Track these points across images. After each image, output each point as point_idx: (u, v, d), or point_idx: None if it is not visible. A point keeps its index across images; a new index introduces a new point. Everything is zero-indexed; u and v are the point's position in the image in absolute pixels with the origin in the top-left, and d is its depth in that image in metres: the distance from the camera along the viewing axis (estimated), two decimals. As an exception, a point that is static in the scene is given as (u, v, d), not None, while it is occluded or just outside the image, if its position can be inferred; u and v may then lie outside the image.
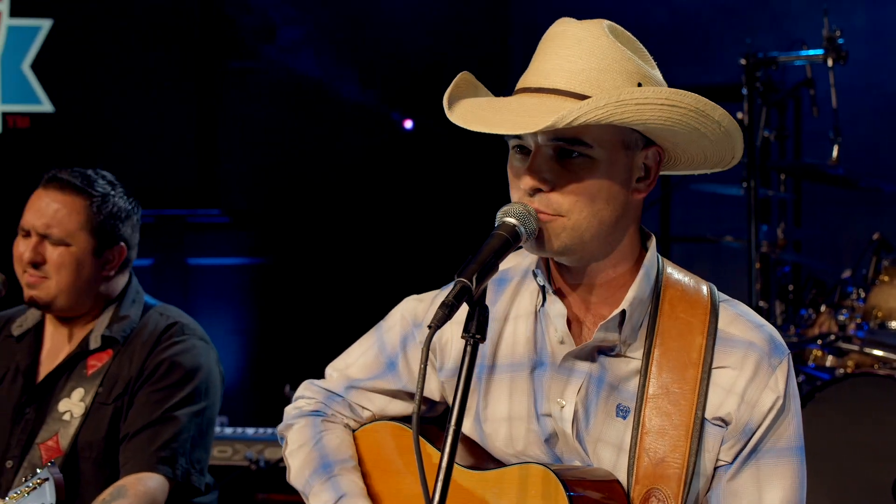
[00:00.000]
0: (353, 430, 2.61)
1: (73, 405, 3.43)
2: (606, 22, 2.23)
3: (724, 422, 2.21)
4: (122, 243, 3.56)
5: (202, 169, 6.87)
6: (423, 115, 6.85)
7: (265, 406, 6.53)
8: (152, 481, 3.32)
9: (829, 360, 5.17)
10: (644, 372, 2.24)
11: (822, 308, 5.35)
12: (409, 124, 6.97)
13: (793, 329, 5.40)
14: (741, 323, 2.26)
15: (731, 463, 2.22)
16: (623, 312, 2.23)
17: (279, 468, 5.36)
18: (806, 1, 6.41)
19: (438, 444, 2.46)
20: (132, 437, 3.37)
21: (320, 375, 2.71)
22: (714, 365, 2.22)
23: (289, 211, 7.10)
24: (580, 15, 2.27)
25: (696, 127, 2.15)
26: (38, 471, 3.05)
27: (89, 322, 3.55)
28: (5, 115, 6.63)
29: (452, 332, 2.45)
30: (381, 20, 6.91)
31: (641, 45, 2.26)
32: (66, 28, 6.64)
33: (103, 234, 3.50)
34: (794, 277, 6.42)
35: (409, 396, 2.58)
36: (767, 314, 5.77)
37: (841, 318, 5.17)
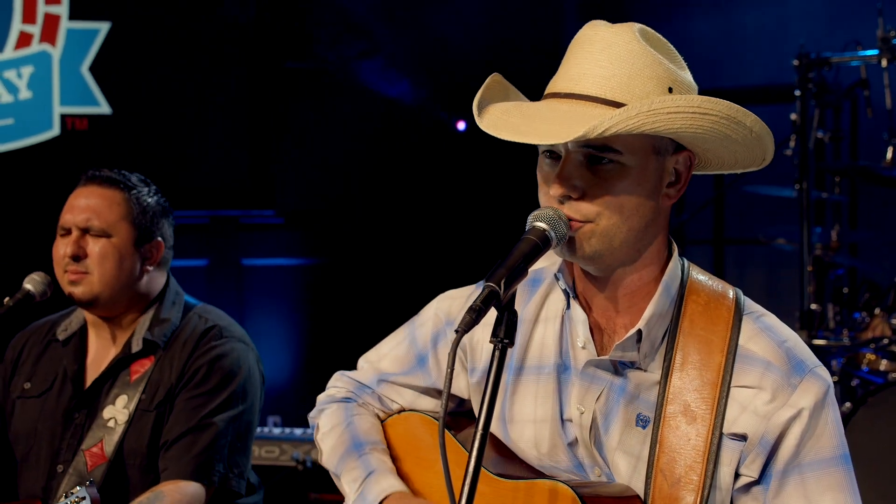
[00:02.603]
0: (382, 421, 2.64)
1: (117, 412, 3.47)
2: (637, 25, 2.21)
3: (742, 437, 2.18)
4: (160, 238, 3.59)
5: (256, 170, 6.92)
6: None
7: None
8: (190, 488, 3.34)
9: (883, 364, 5.12)
10: (662, 390, 2.22)
11: (876, 311, 5.31)
12: (461, 125, 6.98)
13: (846, 332, 5.35)
14: (762, 339, 2.22)
15: (761, 480, 2.19)
16: (640, 331, 2.22)
17: (325, 469, 5.40)
18: (861, 1, 6.36)
19: (465, 436, 2.48)
20: (171, 445, 3.40)
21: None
22: (733, 384, 2.19)
23: (342, 212, 7.14)
24: (632, 20, 2.26)
25: (728, 134, 2.14)
26: (77, 488, 3.08)
27: (130, 325, 3.57)
28: (64, 116, 6.73)
29: (483, 334, 2.43)
30: (434, 22, 6.93)
31: (672, 48, 2.24)
32: (124, 31, 6.73)
33: (143, 227, 3.54)
34: (848, 280, 6.36)
35: (438, 393, 2.59)
36: (820, 317, 5.73)
37: (895, 321, 5.13)
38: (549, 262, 2.42)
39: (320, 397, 2.72)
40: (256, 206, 7.04)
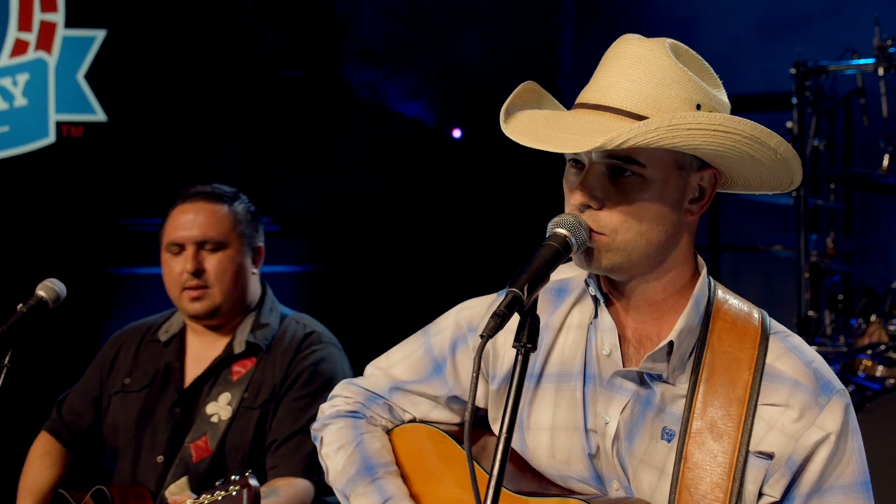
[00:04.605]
0: (389, 431, 2.63)
1: (220, 408, 3.62)
2: (669, 41, 2.22)
3: (768, 455, 2.18)
4: (261, 244, 3.81)
5: (253, 177, 6.92)
6: (473, 124, 6.88)
7: (315, 413, 6.57)
8: (302, 484, 3.51)
9: (880, 371, 5.13)
10: (689, 405, 2.22)
11: (873, 318, 5.32)
12: (457, 133, 6.99)
13: (842, 339, 5.36)
14: (790, 359, 2.23)
15: (783, 502, 2.19)
16: (671, 343, 2.22)
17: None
18: (857, 10, 6.38)
19: (477, 449, 2.48)
20: (280, 445, 3.56)
21: (372, 382, 2.71)
22: (760, 401, 2.20)
23: (340, 219, 7.14)
24: (627, 30, 2.27)
25: (751, 154, 2.14)
26: (234, 477, 3.08)
27: (230, 330, 3.73)
28: (60, 124, 6.71)
29: (505, 341, 2.43)
30: (432, 29, 6.94)
31: (707, 65, 2.25)
32: (121, 38, 6.72)
33: (249, 236, 3.74)
34: (843, 287, 6.38)
35: (453, 402, 2.58)
36: (817, 324, 5.74)
37: (891, 327, 5.14)
38: (576, 272, 2.43)
39: (324, 407, 2.71)
40: (253, 214, 7.03)
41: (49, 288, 3.41)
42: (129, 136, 6.75)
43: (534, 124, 2.22)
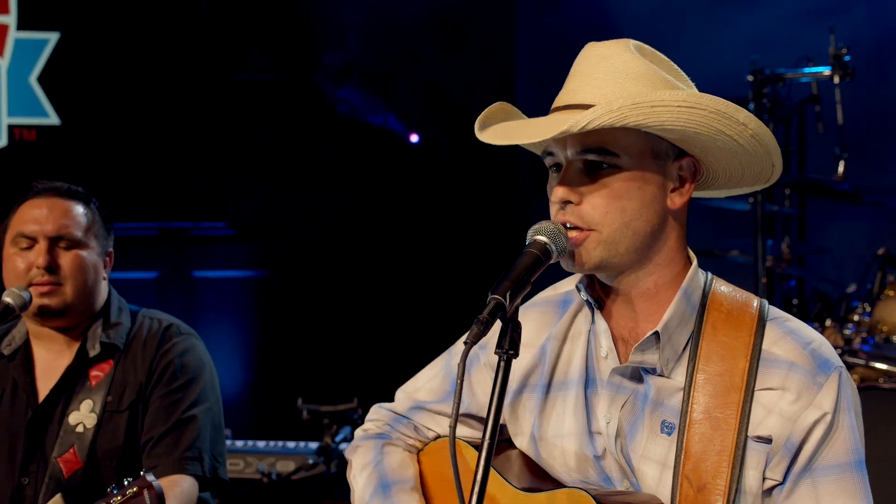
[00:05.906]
0: (419, 450, 2.65)
1: (83, 417, 3.47)
2: (633, 41, 2.25)
3: (767, 440, 2.18)
4: (111, 249, 3.63)
5: (207, 181, 6.88)
6: (429, 128, 6.88)
7: (271, 419, 6.54)
8: (185, 482, 3.39)
9: (835, 375, 5.16)
10: (687, 397, 2.22)
11: (828, 322, 5.36)
12: (414, 138, 6.98)
13: (798, 343, 5.40)
14: (786, 342, 2.22)
15: (783, 482, 2.19)
16: (657, 334, 2.23)
17: (291, 481, 5.38)
18: (812, 18, 6.45)
19: (500, 461, 2.49)
20: (156, 442, 3.43)
21: (327, 388, 2.75)
22: (757, 387, 2.19)
23: (294, 224, 7.11)
24: (584, 35, 2.29)
25: (720, 129, 2.15)
26: (128, 480, 2.97)
27: (78, 336, 3.56)
28: (12, 127, 6.65)
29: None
30: (398, 41, 6.93)
31: (673, 64, 2.27)
32: (74, 41, 6.67)
33: (104, 238, 3.58)
34: (798, 292, 6.43)
35: (470, 418, 2.60)
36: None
37: (846, 332, 5.18)
38: (577, 282, 2.42)
39: (357, 432, 2.74)
40: (208, 218, 7.00)
41: (16, 294, 3.36)
42: (82, 139, 6.70)
43: (507, 129, 2.26)
